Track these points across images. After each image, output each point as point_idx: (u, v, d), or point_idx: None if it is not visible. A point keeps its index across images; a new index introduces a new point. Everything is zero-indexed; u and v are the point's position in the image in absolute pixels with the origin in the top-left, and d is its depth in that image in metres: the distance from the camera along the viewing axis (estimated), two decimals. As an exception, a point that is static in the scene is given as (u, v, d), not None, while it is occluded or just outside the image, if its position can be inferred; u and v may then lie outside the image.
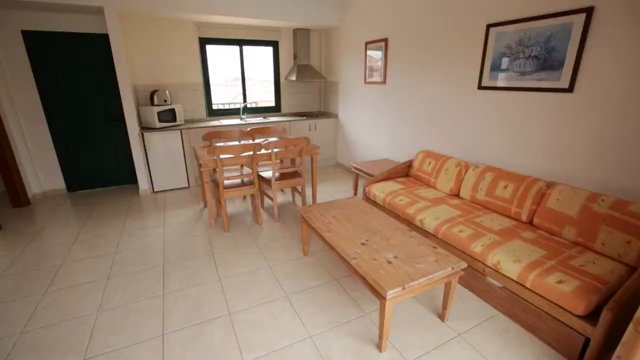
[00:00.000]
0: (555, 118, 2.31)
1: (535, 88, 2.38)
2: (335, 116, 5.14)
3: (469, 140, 3.00)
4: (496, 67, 2.64)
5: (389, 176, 3.26)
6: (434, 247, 1.92)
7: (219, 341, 1.81)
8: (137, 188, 4.20)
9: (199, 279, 2.36)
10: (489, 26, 2.63)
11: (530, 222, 2.28)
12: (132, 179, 4.31)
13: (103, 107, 4.08)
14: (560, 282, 1.65)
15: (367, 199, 3.19)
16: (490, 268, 1.97)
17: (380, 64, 4.00)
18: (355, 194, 3.81)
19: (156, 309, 2.05)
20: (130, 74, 3.86)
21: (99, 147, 4.22)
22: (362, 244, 1.99)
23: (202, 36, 4.46)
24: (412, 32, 3.41)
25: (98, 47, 3.84)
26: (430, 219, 2.42)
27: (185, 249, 2.77)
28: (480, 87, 2.79)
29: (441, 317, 1.96)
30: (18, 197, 3.75)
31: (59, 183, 4.19)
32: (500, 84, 2.63)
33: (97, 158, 4.25)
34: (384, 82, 3.95)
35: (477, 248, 2.04)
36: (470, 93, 2.90)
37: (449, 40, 3.01)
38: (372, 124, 4.33)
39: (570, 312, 1.60)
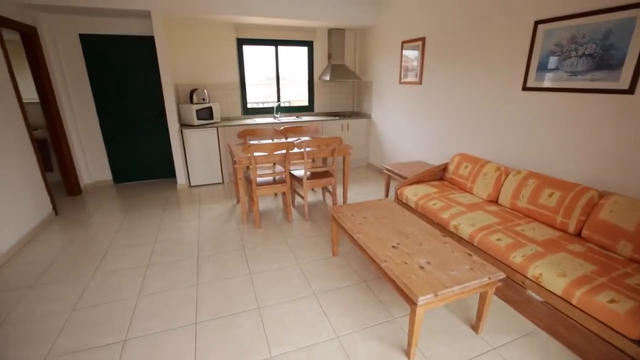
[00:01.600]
0: (611, 122, 2.13)
1: (589, 89, 2.21)
2: (368, 116, 5.09)
3: (510, 144, 2.84)
4: (543, 67, 2.47)
5: (422, 179, 3.18)
6: (469, 255, 1.84)
7: (248, 334, 1.85)
8: (175, 182, 4.42)
9: (230, 272, 2.44)
10: (537, 23, 2.48)
11: (578, 234, 2.12)
12: (170, 173, 4.54)
13: (147, 105, 4.33)
14: (612, 301, 1.51)
15: (399, 201, 3.12)
16: (531, 281, 1.85)
17: (415, 63, 3.90)
18: (387, 195, 3.75)
19: (190, 298, 2.15)
20: (172, 73, 4.06)
21: (142, 142, 4.49)
22: (393, 247, 1.95)
23: (239, 37, 4.60)
24: (451, 31, 3.29)
25: (144, 48, 4.08)
26: (465, 225, 2.32)
27: (218, 243, 2.87)
28: (525, 88, 2.63)
29: (475, 328, 1.87)
30: (72, 186, 4.09)
31: (107, 175, 4.50)
32: (547, 84, 2.46)
33: (140, 153, 4.53)
34: (420, 82, 3.85)
35: (516, 258, 1.92)
36: (513, 94, 2.75)
37: (491, 39, 2.86)
38: (406, 125, 4.24)
39: (622, 335, 1.46)
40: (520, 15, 2.60)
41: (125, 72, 4.16)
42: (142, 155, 4.55)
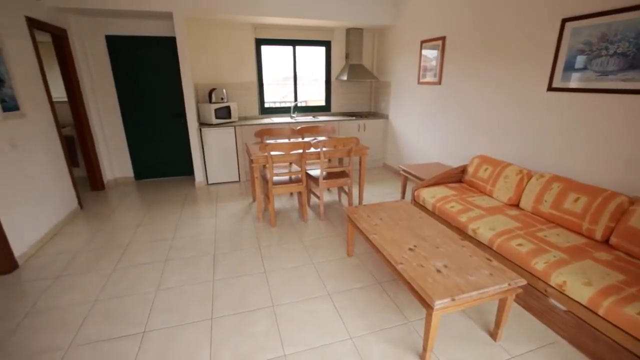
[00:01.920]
0: (643, 125, 2.03)
1: (620, 90, 2.10)
2: (385, 117, 5.04)
3: (533, 146, 2.75)
4: (570, 67, 2.38)
5: (440, 181, 3.12)
6: (489, 260, 1.79)
7: (262, 331, 1.87)
8: (194, 180, 4.51)
9: (245, 269, 2.47)
10: (564, 21, 2.38)
11: (605, 242, 2.02)
12: (189, 171, 4.64)
13: (167, 104, 4.45)
14: (642, 312, 1.44)
15: (416, 203, 3.08)
16: (554, 288, 1.78)
17: (434, 63, 3.83)
18: (403, 197, 3.70)
19: (206, 294, 2.19)
20: (192, 73, 4.15)
21: (162, 140, 4.61)
22: (410, 249, 1.92)
23: (258, 37, 4.65)
24: (472, 30, 3.21)
25: (165, 48, 4.19)
26: (484, 229, 2.26)
27: (234, 240, 2.91)
28: (550, 89, 2.54)
29: (493, 335, 1.82)
30: (96, 182, 4.25)
31: (128, 171, 4.65)
32: (574, 85, 2.37)
33: (161, 150, 4.65)
34: (439, 82, 3.78)
35: (539, 265, 1.86)
36: (537, 95, 2.65)
37: (515, 38, 2.78)
38: (424, 125, 4.17)
39: (653, 348, 1.39)
40: (546, 13, 2.51)
41: (148, 72, 4.28)
42: (162, 153, 4.67)
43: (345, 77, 4.79)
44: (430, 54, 3.87)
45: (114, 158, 4.52)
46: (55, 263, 2.57)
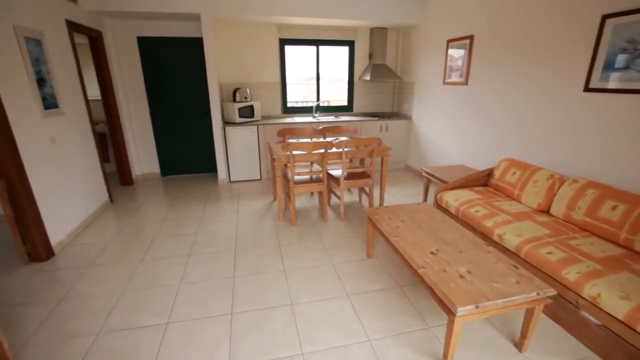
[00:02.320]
0: (692, 129, 1.88)
1: (666, 91, 1.96)
2: (408, 118, 4.96)
3: (566, 150, 2.61)
4: (610, 66, 2.24)
5: (464, 184, 3.03)
6: (516, 267, 1.72)
7: (280, 328, 1.88)
8: (217, 177, 4.62)
9: (265, 266, 2.50)
10: (604, 17, 2.25)
11: (645, 253, 1.90)
12: (212, 169, 4.75)
13: (193, 103, 4.58)
14: (686, 330, 1.34)
15: (439, 206, 3.01)
16: (587, 301, 1.68)
17: (460, 63, 3.72)
18: (425, 200, 3.62)
19: (227, 289, 2.23)
20: (217, 73, 4.24)
21: (188, 138, 4.75)
22: (432, 253, 1.88)
23: (282, 37, 4.70)
24: (503, 28, 3.10)
25: (192, 49, 4.31)
26: (511, 235, 2.17)
27: (254, 237, 2.95)
28: (587, 89, 2.41)
29: (518, 346, 1.75)
30: (125, 177, 4.44)
31: (155, 168, 4.82)
32: (614, 85, 2.23)
33: (186, 148, 4.79)
34: (465, 82, 3.67)
35: (570, 275, 1.76)
36: (572, 96, 2.52)
37: (549, 36, 2.65)
38: (449, 127, 4.07)
39: (698, 370, 1.29)
40: (585, 10, 2.38)
41: (175, 72, 4.43)
42: (187, 150, 4.81)
43: (368, 77, 4.75)
44: (457, 53, 3.77)
45: (142, 154, 4.71)
46: (87, 253, 2.71)
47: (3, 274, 2.41)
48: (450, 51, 3.87)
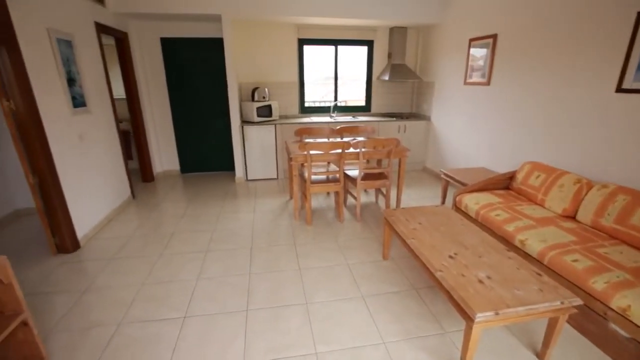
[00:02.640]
0: None
1: None
2: (427, 118, 4.87)
3: (594, 154, 2.50)
4: (646, 66, 2.13)
5: (484, 187, 2.95)
6: (538, 274, 1.66)
7: (294, 327, 1.89)
8: (234, 175, 4.69)
9: (281, 265, 2.51)
10: (640, 15, 2.14)
11: (680, 264, 1.79)
12: (230, 167, 4.83)
13: (213, 102, 4.66)
14: None
15: (457, 209, 2.94)
16: (616, 312, 1.60)
17: (482, 62, 3.63)
18: (443, 202, 3.55)
19: (243, 286, 2.26)
20: (236, 72, 4.30)
21: (207, 137, 4.84)
22: (450, 256, 1.84)
23: (301, 37, 4.71)
24: (528, 27, 2.99)
25: (213, 49, 4.38)
26: (534, 241, 2.10)
27: (270, 236, 2.97)
28: (619, 90, 2.29)
29: (540, 356, 1.68)
30: (147, 174, 4.58)
31: (175, 165, 4.95)
32: (650, 86, 2.12)
33: (205, 146, 4.89)
34: (488, 83, 3.57)
35: (597, 284, 1.68)
36: (603, 97, 2.41)
37: (578, 35, 2.54)
38: (469, 128, 3.97)
39: None
40: (617, 6, 2.26)
41: (196, 72, 4.52)
42: (206, 149, 4.91)
43: (387, 77, 4.70)
44: (479, 52, 3.67)
45: (163, 152, 4.84)
46: (110, 246, 2.81)
47: (33, 264, 2.53)
48: (472, 51, 3.78)
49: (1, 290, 1.44)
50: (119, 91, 4.19)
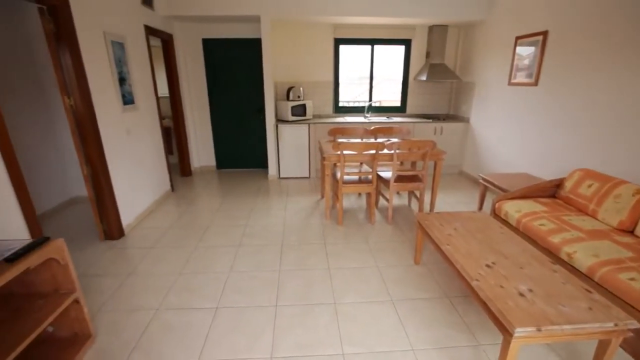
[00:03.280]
0: None
1: None
2: (465, 120, 4.67)
3: (659, 162, 2.26)
4: None
5: (528, 194, 2.77)
6: (588, 291, 1.53)
7: (322, 326, 1.89)
8: (267, 173, 4.79)
9: (310, 263, 2.53)
10: None
11: None
12: (263, 164, 4.94)
13: (249, 100, 4.79)
14: None
15: (496, 216, 2.79)
16: (679, 338, 1.44)
17: (527, 62, 3.41)
18: (480, 208, 3.39)
19: (273, 282, 2.30)
20: (273, 72, 4.39)
21: (243, 134, 4.99)
22: (487, 265, 1.75)
23: (337, 37, 4.71)
24: (583, 22, 2.77)
25: (250, 49, 4.51)
26: (583, 255, 1.94)
27: (301, 234, 3.00)
28: (691, 93, 2.05)
29: (586, 379, 1.56)
30: (185, 168, 4.81)
31: (211, 161, 5.15)
32: None
33: (240, 143, 5.04)
34: (535, 83, 3.35)
35: (658, 306, 1.52)
36: (672, 100, 2.17)
37: (637, 34, 2.31)
38: (512, 131, 3.75)
39: None
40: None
41: (234, 71, 4.67)
42: (241, 146, 5.06)
43: (424, 77, 4.56)
44: (526, 51, 3.46)
45: (201, 148, 5.05)
46: (151, 235, 2.98)
47: (84, 248, 2.75)
48: (519, 49, 3.57)
49: (58, 271, 1.58)
50: (163, 89, 4.43)
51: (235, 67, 4.66)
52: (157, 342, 1.78)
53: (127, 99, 3.11)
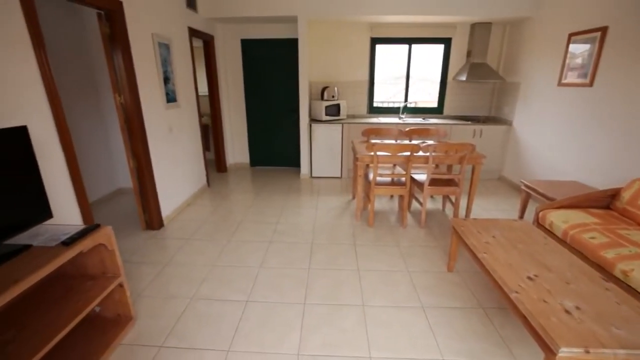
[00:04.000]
0: None
1: None
2: (507, 123, 4.42)
3: None
4: None
5: (577, 204, 2.57)
6: (647, 314, 1.38)
7: (350, 327, 1.88)
8: (299, 171, 4.84)
9: (339, 263, 2.52)
10: None
11: None
12: (296, 163, 5.00)
13: (284, 99, 4.87)
14: None
15: (539, 225, 2.61)
16: None
17: (580, 61, 3.16)
18: (522, 216, 3.19)
19: (302, 280, 2.32)
20: (308, 72, 4.42)
21: (276, 133, 5.08)
22: (529, 278, 1.64)
23: (374, 36, 4.65)
24: (653, 18, 2.51)
25: (287, 49, 4.57)
26: (641, 273, 1.76)
27: (331, 234, 3.00)
28: None
29: (641, 410, 1.41)
30: (221, 165, 4.99)
31: (245, 158, 5.30)
32: None
33: (274, 142, 5.14)
34: (590, 84, 3.09)
35: None
36: None
37: None
38: (560, 135, 3.49)
39: None
40: None
41: (270, 71, 4.77)
42: (275, 144, 5.15)
43: (464, 77, 4.38)
44: (579, 49, 3.20)
45: (236, 145, 5.22)
46: (187, 228, 3.12)
47: (128, 236, 2.94)
48: (572, 47, 3.31)
49: (106, 255, 1.70)
50: (203, 88, 4.63)
51: (271, 66, 4.75)
52: (190, 330, 1.86)
53: (170, 97, 3.28)
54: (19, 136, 1.47)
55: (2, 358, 1.22)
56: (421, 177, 3.15)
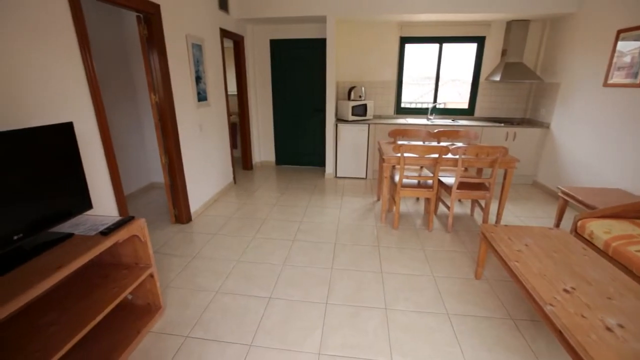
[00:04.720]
0: None
1: None
2: (544, 126, 4.19)
3: None
4: None
5: (622, 213, 2.39)
6: (702, 336, 1.26)
7: (372, 330, 1.86)
8: (324, 171, 4.85)
9: (362, 265, 2.50)
10: None
11: None
12: (321, 162, 5.01)
13: (311, 99, 4.89)
14: None
15: (578, 235, 2.45)
16: None
17: (629, 59, 2.94)
18: (558, 225, 3.01)
19: (324, 279, 2.32)
20: (335, 71, 4.41)
21: (302, 132, 5.11)
22: (566, 290, 1.55)
23: (403, 35, 4.56)
24: None
25: (314, 49, 4.59)
26: (695, 292, 1.61)
27: (354, 234, 2.98)
28: None
29: None
30: (247, 162, 5.09)
31: (271, 156, 5.37)
32: None
33: (300, 141, 5.18)
34: (639, 85, 2.87)
35: None
36: None
37: None
38: (604, 139, 3.26)
39: None
40: None
41: (297, 70, 4.81)
42: (300, 143, 5.19)
43: (497, 78, 4.20)
44: (629, 46, 2.98)
45: (262, 144, 5.31)
46: (214, 223, 3.21)
47: (158, 228, 3.07)
48: (620, 44, 3.09)
49: (139, 246, 1.78)
50: (232, 88, 4.74)
51: (298, 66, 4.79)
52: (215, 322, 1.91)
53: (202, 96, 3.39)
54: (66, 131, 1.58)
55: (46, 338, 1.31)
56: (449, 180, 3.06)
